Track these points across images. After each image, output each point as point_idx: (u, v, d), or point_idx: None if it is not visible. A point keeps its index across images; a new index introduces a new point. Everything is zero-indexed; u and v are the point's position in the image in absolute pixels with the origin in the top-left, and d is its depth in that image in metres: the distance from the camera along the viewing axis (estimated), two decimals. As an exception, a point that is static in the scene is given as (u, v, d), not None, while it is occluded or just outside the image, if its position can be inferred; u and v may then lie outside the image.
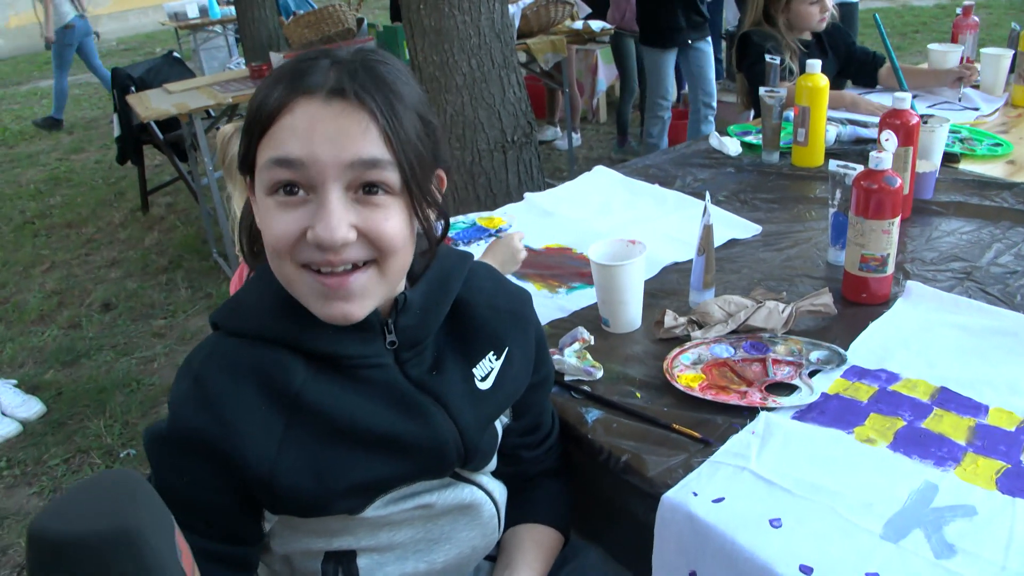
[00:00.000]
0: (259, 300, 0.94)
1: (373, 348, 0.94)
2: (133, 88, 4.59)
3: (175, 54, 5.22)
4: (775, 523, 0.99)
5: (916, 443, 1.11)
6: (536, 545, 1.18)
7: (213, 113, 4.52)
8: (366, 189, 0.85)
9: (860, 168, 1.49)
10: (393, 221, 0.86)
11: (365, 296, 0.88)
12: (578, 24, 5.00)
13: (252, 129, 0.87)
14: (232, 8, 7.70)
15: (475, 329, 1.04)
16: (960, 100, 2.67)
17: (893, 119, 1.74)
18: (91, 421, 3.11)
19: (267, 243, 0.87)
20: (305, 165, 0.82)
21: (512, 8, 3.98)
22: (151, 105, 3.91)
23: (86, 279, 4.44)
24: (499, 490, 1.13)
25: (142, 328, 3.83)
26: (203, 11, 8.13)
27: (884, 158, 1.42)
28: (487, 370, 1.04)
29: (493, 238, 1.79)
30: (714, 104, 4.57)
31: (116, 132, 4.87)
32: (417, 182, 0.87)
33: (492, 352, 1.05)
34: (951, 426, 1.13)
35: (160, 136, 4.59)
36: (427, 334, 0.99)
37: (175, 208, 5.41)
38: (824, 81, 2.16)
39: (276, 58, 4.11)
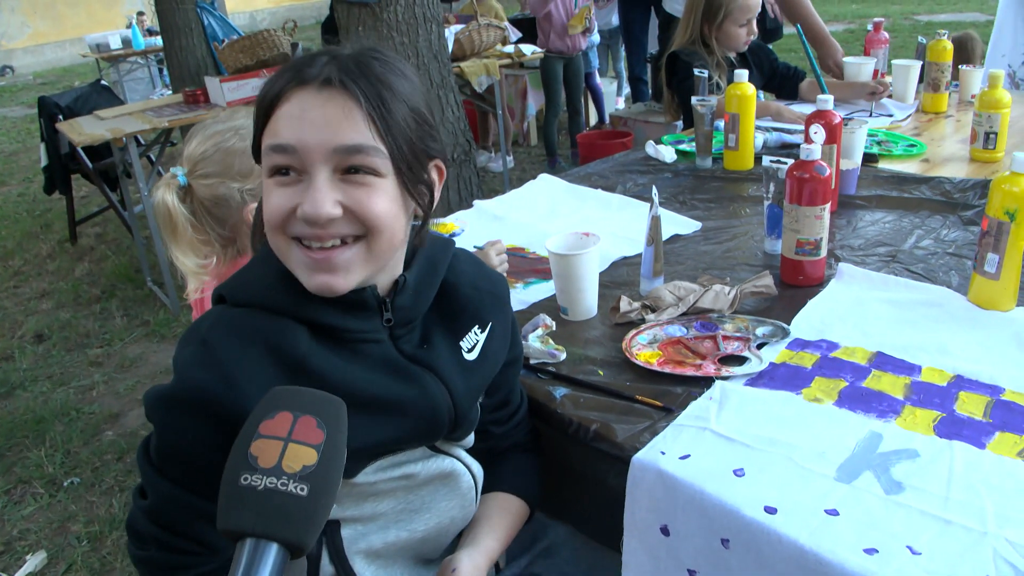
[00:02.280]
0: (264, 275, 0.99)
1: (371, 324, 1.01)
2: (60, 116, 4.52)
3: (103, 82, 5.16)
4: (738, 472, 1.07)
5: (859, 400, 1.20)
6: (501, 511, 1.23)
7: (143, 140, 4.49)
8: (352, 170, 0.91)
9: (791, 162, 1.61)
10: (379, 200, 0.93)
11: (349, 270, 0.94)
12: (509, 48, 5.12)
13: (257, 119, 0.95)
14: (156, 39, 7.64)
15: (460, 307, 1.12)
16: (872, 115, 2.85)
17: (818, 119, 1.87)
18: (31, 451, 3.04)
19: (265, 218, 0.94)
20: (296, 150, 0.90)
21: (446, 32, 4.07)
22: (84, 131, 3.86)
23: (16, 311, 4.33)
24: (476, 465, 1.19)
25: (78, 358, 3.76)
26: (126, 42, 8.03)
27: (814, 149, 1.54)
28: (473, 342, 1.12)
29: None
30: None
31: (43, 162, 4.78)
32: (408, 165, 0.94)
33: (477, 327, 1.13)
34: (889, 384, 1.24)
35: (89, 164, 4.53)
36: (418, 313, 1.06)
37: (105, 238, 5.31)
38: (751, 90, 2.30)
39: (212, 83, 4.11)
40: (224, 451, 0.92)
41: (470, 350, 1.11)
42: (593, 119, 6.63)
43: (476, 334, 1.13)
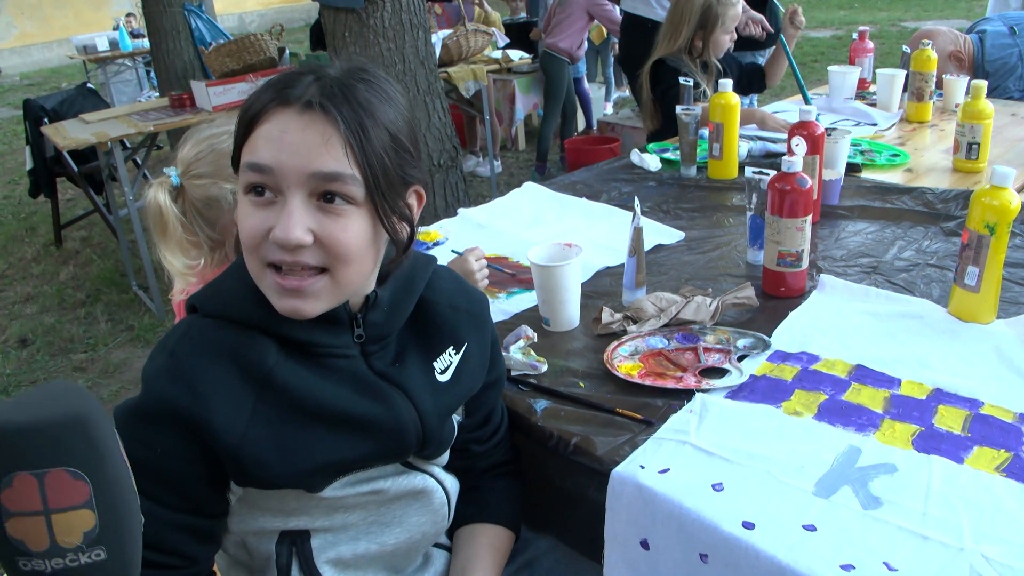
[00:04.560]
0: (237, 286, 0.99)
1: (342, 340, 1.01)
2: (46, 119, 4.49)
3: (89, 85, 5.13)
4: (717, 487, 1.07)
5: (838, 413, 1.21)
6: (491, 549, 1.22)
7: (129, 144, 4.47)
8: (327, 198, 0.91)
9: (773, 173, 1.61)
10: (351, 231, 0.92)
11: (317, 298, 0.94)
12: (497, 54, 5.13)
13: (238, 132, 0.94)
14: (143, 41, 7.61)
15: (436, 326, 1.11)
16: (857, 123, 2.87)
17: (800, 130, 1.88)
18: (12, 457, 3.01)
19: (240, 238, 0.94)
20: (273, 171, 0.89)
21: (433, 37, 4.07)
22: (68, 135, 3.84)
23: (0, 315, 4.31)
24: (450, 480, 1.19)
25: (62, 363, 3.73)
26: (113, 44, 8.00)
27: (795, 161, 1.54)
28: (446, 364, 1.11)
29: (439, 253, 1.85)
30: None
31: (28, 165, 4.75)
32: (382, 194, 0.93)
33: (452, 347, 1.12)
34: (868, 398, 1.24)
35: (75, 168, 4.50)
36: (392, 330, 1.06)
37: (90, 242, 5.28)
38: (735, 99, 2.30)
39: (198, 87, 4.09)
40: (194, 462, 0.93)
41: (443, 371, 1.10)
42: (580, 125, 6.64)
43: (450, 355, 1.12)
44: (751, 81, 3.22)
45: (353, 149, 0.90)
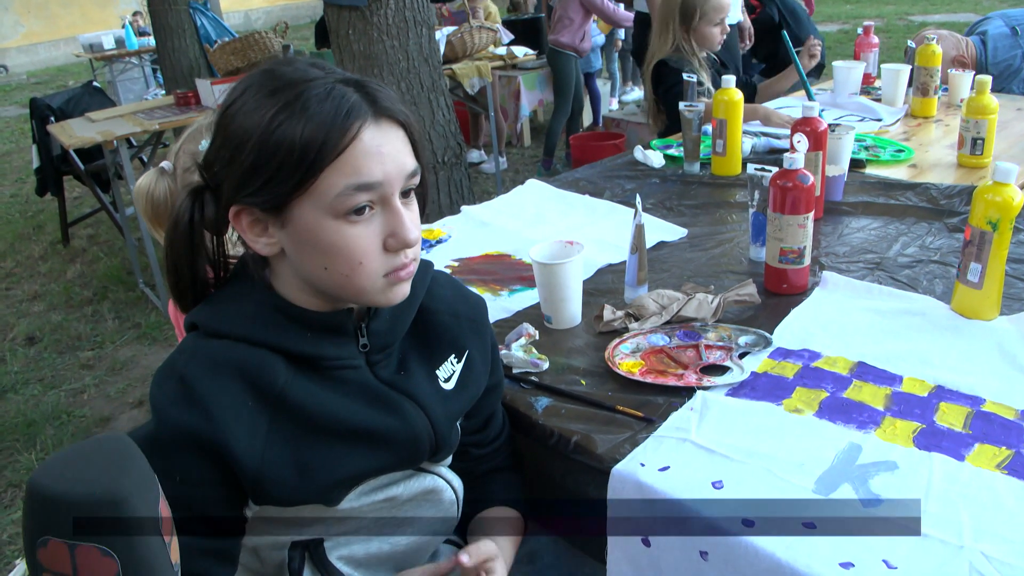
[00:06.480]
0: (239, 303, 0.98)
1: (348, 350, 1.01)
2: (52, 118, 4.51)
3: (95, 83, 5.15)
4: (717, 485, 1.07)
5: (839, 411, 1.21)
6: (499, 521, 1.23)
7: (135, 142, 4.49)
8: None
9: (775, 170, 1.61)
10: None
11: (413, 279, 1.00)
12: (501, 50, 5.12)
13: (304, 166, 0.88)
14: (149, 39, 7.63)
15: (438, 335, 1.12)
16: (862, 119, 2.86)
17: (803, 126, 1.87)
18: (21, 455, 3.03)
19: (345, 260, 0.93)
20: (382, 184, 0.92)
21: (437, 34, 4.07)
22: (75, 134, 3.86)
23: (7, 313, 4.33)
24: (456, 479, 1.19)
25: (69, 360, 3.75)
26: (119, 42, 8.02)
27: (797, 158, 1.54)
28: (449, 372, 1.12)
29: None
30: None
31: (35, 163, 4.77)
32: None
33: (453, 355, 1.13)
34: (870, 395, 1.24)
35: (81, 166, 4.52)
36: (395, 338, 1.06)
37: (97, 240, 5.31)
38: (738, 95, 2.30)
39: (203, 85, 4.10)
40: (214, 485, 0.93)
41: (447, 379, 1.11)
42: (587, 120, 6.64)
43: (453, 363, 1.12)
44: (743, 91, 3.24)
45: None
